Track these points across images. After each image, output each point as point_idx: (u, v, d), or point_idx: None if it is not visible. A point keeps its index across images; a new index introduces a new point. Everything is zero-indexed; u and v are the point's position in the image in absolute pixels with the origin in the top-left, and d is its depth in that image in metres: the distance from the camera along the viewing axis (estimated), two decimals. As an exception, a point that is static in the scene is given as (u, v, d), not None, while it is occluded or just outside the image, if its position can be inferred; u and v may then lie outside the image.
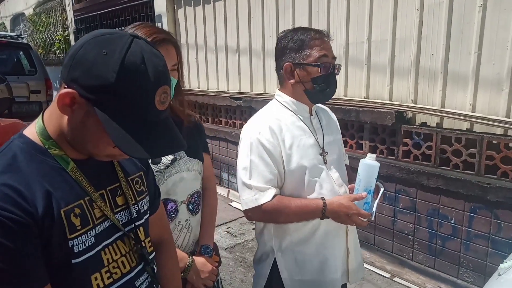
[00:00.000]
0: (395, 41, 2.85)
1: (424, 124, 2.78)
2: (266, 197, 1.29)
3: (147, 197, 0.98)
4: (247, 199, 1.32)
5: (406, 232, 2.84)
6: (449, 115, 2.58)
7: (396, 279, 2.84)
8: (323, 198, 1.30)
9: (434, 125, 2.76)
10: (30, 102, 6.85)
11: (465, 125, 2.60)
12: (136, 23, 1.21)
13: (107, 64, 0.68)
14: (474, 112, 2.49)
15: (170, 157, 1.27)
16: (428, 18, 2.63)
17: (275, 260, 1.42)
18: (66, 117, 0.75)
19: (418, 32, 2.69)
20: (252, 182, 1.31)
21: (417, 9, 2.66)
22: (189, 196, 1.33)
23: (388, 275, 2.89)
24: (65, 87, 0.72)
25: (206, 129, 2.84)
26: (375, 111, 2.92)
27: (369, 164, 1.28)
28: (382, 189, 1.35)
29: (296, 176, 1.34)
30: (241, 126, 4.33)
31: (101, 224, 0.82)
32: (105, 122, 0.70)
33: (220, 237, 3.55)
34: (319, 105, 1.53)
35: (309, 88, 1.36)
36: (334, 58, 1.37)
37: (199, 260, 1.30)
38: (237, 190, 1.48)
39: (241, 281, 2.91)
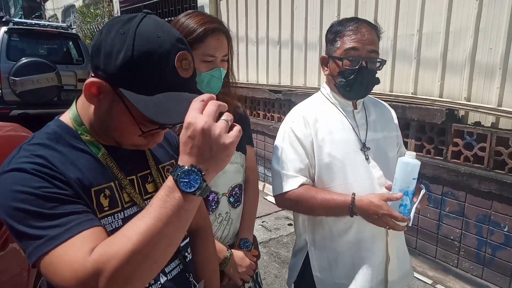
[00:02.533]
0: (449, 33, 2.66)
1: (477, 124, 2.58)
2: (292, 184, 1.29)
3: None
4: (276, 185, 1.35)
5: (451, 237, 2.67)
6: (507, 114, 2.38)
7: (438, 286, 2.69)
8: (353, 194, 1.23)
9: (489, 125, 2.56)
10: (77, 90, 7.13)
11: (524, 126, 2.39)
12: (190, 11, 1.20)
13: (123, 42, 0.69)
14: (536, 112, 2.28)
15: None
16: (488, 9, 2.43)
17: (308, 254, 1.38)
18: (93, 107, 0.76)
19: (476, 24, 2.49)
20: (281, 169, 1.32)
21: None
22: (230, 188, 1.30)
23: (430, 282, 2.74)
24: (92, 76, 0.73)
25: (245, 121, 2.80)
26: (423, 108, 2.75)
27: (406, 162, 1.16)
28: (423, 191, 1.24)
29: (328, 169, 1.30)
30: (279, 119, 4.28)
31: (130, 209, 0.82)
32: (132, 99, 0.69)
33: (254, 230, 3.51)
34: (372, 99, 1.46)
35: (337, 82, 1.32)
36: (373, 52, 1.27)
37: (238, 254, 1.28)
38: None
39: (275, 277, 2.87)
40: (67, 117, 0.82)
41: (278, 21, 4.18)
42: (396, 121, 1.49)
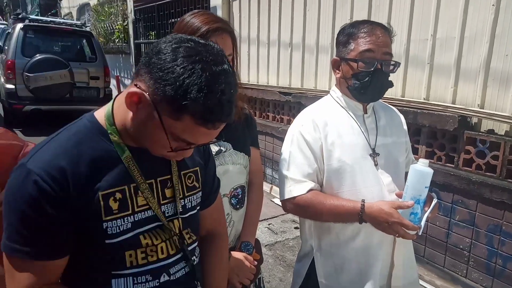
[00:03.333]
0: (464, 39, 2.61)
1: (491, 131, 2.53)
2: (300, 189, 1.26)
3: (199, 193, 0.99)
4: (283, 190, 1.32)
5: (461, 246, 2.62)
6: (522, 123, 2.33)
7: (446, 296, 2.64)
8: (363, 201, 1.20)
9: (503, 133, 2.50)
10: (89, 87, 7.22)
11: (540, 135, 2.33)
12: (195, 10, 1.19)
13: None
14: (553, 122, 2.22)
15: (216, 148, 1.23)
16: (505, 15, 2.37)
17: (313, 259, 1.35)
18: (131, 113, 0.78)
19: (492, 30, 2.44)
20: (289, 174, 1.30)
21: (493, 5, 2.41)
22: (232, 189, 1.29)
23: (437, 291, 2.69)
24: (135, 85, 0.76)
25: (254, 123, 2.79)
26: (435, 114, 2.71)
27: (419, 170, 1.14)
28: (435, 200, 1.21)
29: (337, 174, 1.27)
30: (289, 122, 4.26)
31: (142, 213, 0.84)
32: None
33: (260, 233, 3.51)
34: (381, 103, 1.43)
35: (350, 85, 1.29)
36: (387, 54, 1.25)
37: (237, 256, 1.25)
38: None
39: (280, 280, 2.85)
40: (101, 114, 0.85)
41: (290, 23, 4.17)
42: (405, 126, 1.46)
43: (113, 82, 8.24)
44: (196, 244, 0.98)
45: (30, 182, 0.73)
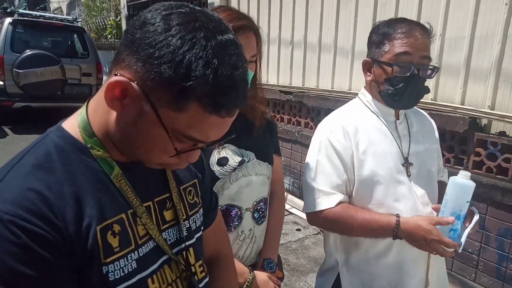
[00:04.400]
0: (474, 39, 2.55)
1: (502, 134, 2.48)
2: (329, 202, 1.17)
3: (201, 210, 0.83)
4: (309, 202, 1.22)
5: (469, 250, 2.57)
6: (535, 125, 2.28)
7: (454, 300, 2.60)
8: (397, 215, 1.12)
9: (515, 135, 2.46)
10: (81, 84, 7.05)
11: (553, 138, 2.29)
12: (216, 6, 1.10)
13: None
14: None
15: (238, 159, 1.14)
16: (519, 14, 2.32)
17: (338, 275, 1.27)
18: (114, 113, 0.60)
19: (504, 30, 2.38)
20: (316, 185, 1.20)
21: (506, 4, 2.35)
22: (255, 203, 1.19)
23: (445, 296, 2.64)
24: (116, 75, 0.57)
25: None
26: (444, 115, 2.65)
27: (460, 183, 1.06)
28: (476, 216, 1.13)
29: (368, 186, 1.18)
30: (289, 121, 4.18)
31: (145, 245, 0.67)
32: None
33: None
34: (413, 108, 1.33)
35: (382, 90, 1.19)
36: (426, 58, 1.16)
37: (261, 277, 1.16)
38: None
39: (284, 285, 2.77)
40: (73, 125, 0.65)
41: (291, 21, 4.07)
42: (437, 133, 1.38)
43: (105, 79, 8.05)
44: (207, 278, 0.81)
45: (2, 226, 0.52)
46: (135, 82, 0.56)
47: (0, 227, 0.52)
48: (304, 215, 3.87)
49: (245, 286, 1.11)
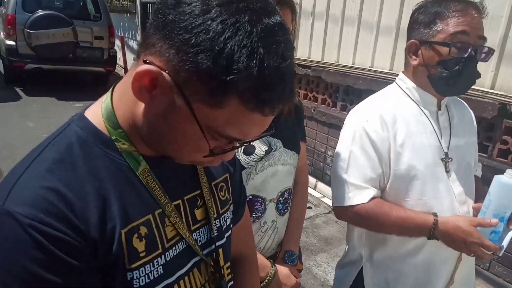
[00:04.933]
0: (512, 18, 2.38)
1: (533, 122, 2.36)
2: (362, 197, 1.09)
3: (231, 206, 0.78)
4: (338, 196, 1.14)
5: (486, 239, 2.52)
6: None
7: (466, 288, 2.58)
8: (435, 214, 1.06)
9: (547, 124, 2.33)
10: (93, 47, 6.92)
11: None
12: None
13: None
14: None
15: (265, 147, 1.07)
16: None
17: (361, 269, 1.22)
18: (142, 104, 0.54)
19: (547, 11, 2.21)
20: (347, 177, 1.12)
21: (553, -18, 2.17)
22: (279, 193, 1.14)
23: (457, 282, 2.62)
24: (146, 62, 0.51)
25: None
26: (472, 100, 2.51)
27: (507, 183, 0.97)
28: None
29: (404, 181, 1.10)
30: (305, 96, 4.07)
31: (174, 248, 0.62)
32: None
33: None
34: (453, 97, 1.23)
35: (433, 74, 1.08)
36: (482, 38, 1.05)
37: (283, 271, 1.12)
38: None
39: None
40: (97, 114, 0.59)
41: (313, -10, 3.87)
42: (475, 124, 1.29)
43: (117, 43, 7.89)
44: (232, 281, 0.78)
45: (22, 230, 0.48)
46: (167, 72, 0.49)
47: (20, 232, 0.48)
48: (315, 193, 3.83)
49: (266, 280, 1.07)
